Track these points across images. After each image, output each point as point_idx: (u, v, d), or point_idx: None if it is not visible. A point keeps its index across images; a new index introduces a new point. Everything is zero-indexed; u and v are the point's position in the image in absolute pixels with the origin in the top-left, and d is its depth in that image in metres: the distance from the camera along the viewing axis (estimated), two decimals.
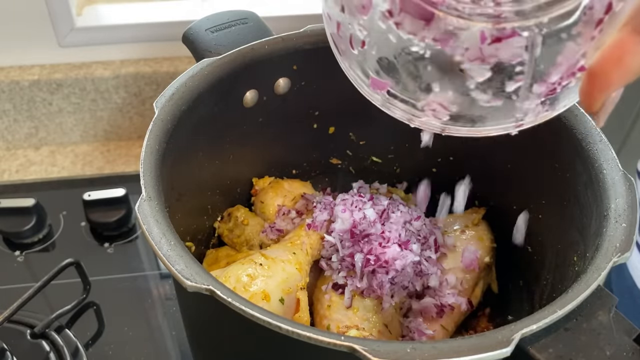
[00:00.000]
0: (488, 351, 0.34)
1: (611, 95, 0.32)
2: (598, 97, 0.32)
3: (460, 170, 0.65)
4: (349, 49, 0.39)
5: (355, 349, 0.34)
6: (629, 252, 0.41)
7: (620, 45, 0.31)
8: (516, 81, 0.35)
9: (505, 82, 0.35)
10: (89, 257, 0.74)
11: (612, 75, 0.31)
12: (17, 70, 0.90)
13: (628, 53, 0.30)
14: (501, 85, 0.36)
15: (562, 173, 0.51)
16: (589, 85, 0.32)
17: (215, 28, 0.59)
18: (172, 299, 0.72)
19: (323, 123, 0.65)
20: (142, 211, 0.42)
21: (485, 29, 0.34)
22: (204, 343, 0.52)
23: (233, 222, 0.64)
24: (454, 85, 0.36)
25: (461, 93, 0.37)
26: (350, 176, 0.70)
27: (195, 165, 0.57)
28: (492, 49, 0.34)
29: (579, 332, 0.38)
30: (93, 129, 0.95)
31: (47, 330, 0.66)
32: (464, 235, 0.62)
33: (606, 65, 0.31)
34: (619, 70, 0.31)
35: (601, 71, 0.31)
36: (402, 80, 0.38)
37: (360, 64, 0.40)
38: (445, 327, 0.57)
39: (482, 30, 0.34)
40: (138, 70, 0.91)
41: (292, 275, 0.53)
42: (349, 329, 0.54)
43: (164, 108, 0.49)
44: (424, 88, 0.37)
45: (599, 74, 0.32)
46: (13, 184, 0.87)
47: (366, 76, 0.40)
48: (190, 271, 0.38)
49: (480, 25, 0.34)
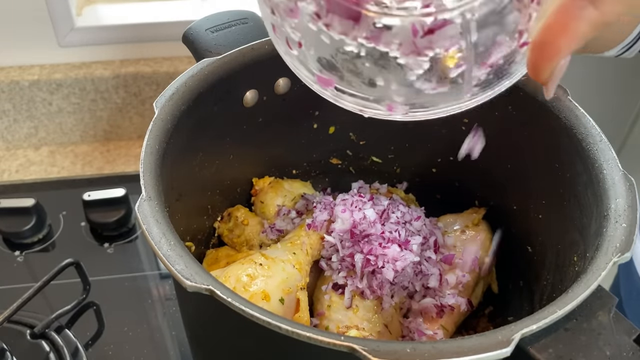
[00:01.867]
0: (488, 351, 0.34)
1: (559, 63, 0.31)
2: (546, 67, 0.31)
3: (460, 170, 0.65)
4: (288, 50, 0.39)
5: (355, 349, 0.34)
6: (629, 252, 0.41)
7: (564, 11, 0.29)
8: (457, 67, 0.35)
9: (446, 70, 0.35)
10: (89, 257, 0.74)
11: (559, 43, 0.30)
12: (17, 70, 0.90)
13: (572, 19, 0.29)
14: (443, 72, 0.35)
15: (562, 173, 0.51)
16: (536, 56, 0.31)
17: (215, 28, 0.59)
18: (172, 299, 0.72)
19: (323, 123, 0.65)
20: (142, 211, 0.42)
21: (415, 22, 0.33)
22: (204, 343, 0.52)
23: (233, 222, 0.64)
24: (396, 78, 0.36)
25: (405, 85, 0.36)
26: (350, 176, 0.70)
27: (195, 165, 0.57)
28: (425, 41, 0.34)
29: (579, 332, 0.38)
30: (93, 129, 0.95)
31: (47, 331, 0.66)
32: (464, 235, 0.61)
33: (551, 33, 0.30)
34: (565, 37, 0.30)
35: (547, 40, 0.30)
36: (345, 78, 0.37)
37: (302, 63, 0.39)
38: (445, 327, 0.57)
39: (413, 23, 0.33)
40: (138, 70, 0.91)
41: (292, 275, 0.53)
42: (349, 329, 0.54)
43: (163, 108, 0.49)
44: (368, 83, 0.37)
45: (545, 43, 0.31)
46: (13, 184, 0.87)
47: (312, 74, 0.39)
48: (190, 271, 0.38)
49: (410, 19, 0.33)
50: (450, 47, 0.34)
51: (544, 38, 0.30)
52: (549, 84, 0.32)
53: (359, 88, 0.37)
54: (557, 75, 0.32)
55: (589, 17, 0.29)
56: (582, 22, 0.29)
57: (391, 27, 0.34)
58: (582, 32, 0.30)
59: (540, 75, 0.32)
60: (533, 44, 0.31)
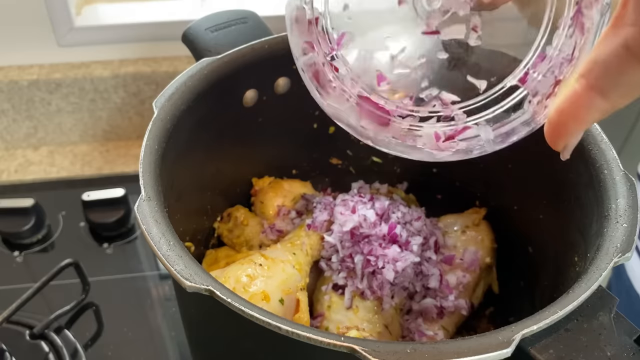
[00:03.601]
0: (488, 352, 0.34)
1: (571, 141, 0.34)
2: (560, 142, 0.34)
3: (460, 170, 0.65)
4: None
5: (355, 350, 0.34)
6: (629, 252, 0.40)
7: (575, 100, 0.31)
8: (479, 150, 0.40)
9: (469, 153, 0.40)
10: (88, 257, 0.74)
11: (570, 126, 0.33)
12: (16, 70, 0.90)
13: (583, 108, 0.31)
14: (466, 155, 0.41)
15: (563, 173, 0.51)
16: (551, 132, 0.34)
17: (214, 28, 0.59)
18: (171, 300, 0.72)
19: (323, 123, 0.65)
20: (141, 211, 0.42)
21: (438, 130, 0.39)
22: (204, 343, 0.52)
23: (233, 222, 0.64)
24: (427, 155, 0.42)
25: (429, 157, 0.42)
26: (350, 176, 0.70)
27: (195, 166, 0.56)
28: (448, 144, 0.39)
29: (579, 332, 0.38)
30: (92, 129, 0.95)
31: (46, 331, 0.66)
32: (465, 235, 0.61)
33: (563, 118, 0.33)
34: (575, 123, 0.32)
35: (559, 122, 0.33)
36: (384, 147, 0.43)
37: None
38: (445, 327, 0.57)
39: (435, 131, 0.39)
40: (137, 70, 0.91)
41: (292, 276, 0.53)
42: (349, 329, 0.54)
43: (163, 108, 0.49)
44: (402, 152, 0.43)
45: (557, 124, 0.33)
46: (12, 184, 0.87)
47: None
48: (190, 271, 0.38)
49: (432, 127, 0.39)
50: (469, 145, 0.39)
51: (558, 120, 0.33)
52: (564, 152, 0.35)
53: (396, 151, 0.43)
54: (570, 146, 0.35)
55: (598, 107, 0.31)
56: (592, 111, 0.31)
57: (418, 131, 0.39)
58: (591, 119, 0.32)
59: (555, 147, 0.35)
60: (548, 122, 0.34)
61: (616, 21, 0.29)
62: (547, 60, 0.35)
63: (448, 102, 0.38)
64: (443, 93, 0.38)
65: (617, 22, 0.29)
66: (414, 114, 0.39)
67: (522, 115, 0.37)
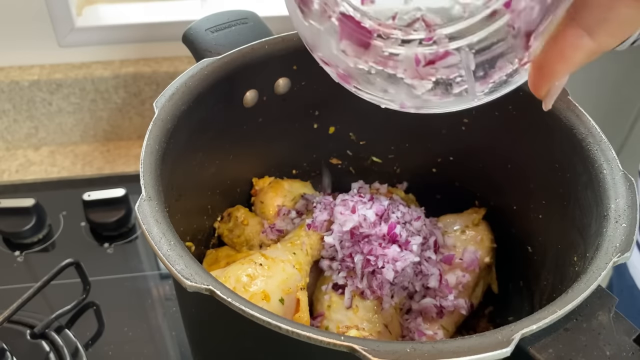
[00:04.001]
0: (488, 351, 0.34)
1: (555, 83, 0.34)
2: (544, 86, 0.33)
3: (460, 170, 0.65)
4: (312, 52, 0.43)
5: (355, 349, 0.34)
6: (629, 252, 0.41)
7: (562, 38, 0.31)
8: (460, 85, 0.38)
9: (449, 88, 0.39)
10: (89, 257, 0.74)
11: (556, 67, 0.32)
12: (17, 70, 0.90)
13: (569, 46, 0.31)
14: (446, 90, 0.39)
15: (562, 173, 0.51)
16: (535, 75, 0.33)
17: (215, 28, 0.59)
18: (172, 299, 0.72)
19: (323, 123, 0.65)
20: (142, 211, 0.42)
21: (418, 53, 0.38)
22: (204, 343, 0.52)
23: (233, 222, 0.64)
24: (405, 91, 0.40)
25: (413, 97, 0.40)
26: (350, 176, 0.70)
27: (195, 165, 0.57)
28: (427, 69, 0.38)
29: (579, 332, 0.38)
30: (93, 129, 0.95)
31: (46, 331, 0.66)
32: (464, 235, 0.61)
33: (549, 58, 0.32)
34: (561, 63, 0.32)
35: (545, 63, 0.32)
36: (361, 83, 0.42)
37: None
38: (445, 327, 0.57)
39: (416, 53, 0.38)
40: (138, 70, 0.91)
41: (292, 276, 0.53)
42: (349, 329, 0.54)
43: (163, 108, 0.49)
44: (381, 90, 0.41)
45: (543, 66, 0.33)
46: (13, 184, 0.87)
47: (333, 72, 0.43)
48: (190, 271, 0.38)
49: (413, 50, 0.38)
50: (450, 74, 0.37)
51: (543, 61, 0.33)
52: (546, 100, 0.35)
53: (373, 91, 0.42)
54: (554, 92, 0.34)
55: (585, 46, 0.31)
56: (578, 51, 0.31)
57: (397, 55, 0.38)
58: (578, 59, 0.31)
59: (538, 92, 0.34)
60: (533, 64, 0.33)
61: None
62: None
63: (432, 24, 0.37)
64: (427, 15, 0.37)
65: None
66: (395, 36, 0.38)
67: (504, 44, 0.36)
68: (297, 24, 0.42)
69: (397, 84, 0.40)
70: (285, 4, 0.42)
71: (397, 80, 0.39)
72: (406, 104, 0.41)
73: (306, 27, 0.41)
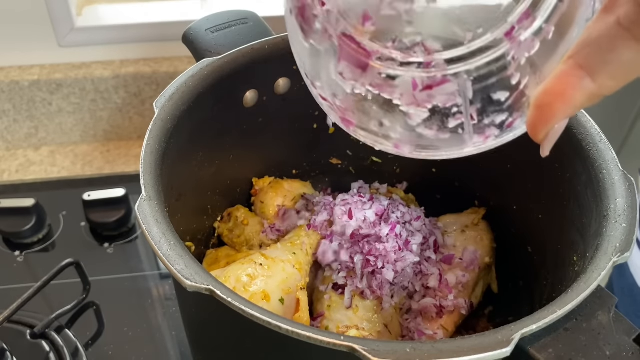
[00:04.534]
0: (488, 351, 0.34)
1: (554, 127, 0.33)
2: (542, 129, 0.32)
3: (460, 170, 0.65)
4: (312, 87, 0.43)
5: (355, 349, 0.34)
6: (628, 252, 0.41)
7: (564, 79, 0.30)
8: (456, 119, 0.38)
9: (445, 120, 0.38)
10: (89, 257, 0.74)
11: (555, 108, 0.31)
12: (17, 70, 0.90)
13: (571, 88, 0.30)
14: (442, 123, 0.38)
15: (562, 173, 0.51)
16: (534, 116, 0.32)
17: (215, 28, 0.59)
18: (172, 299, 0.72)
19: (323, 123, 0.65)
20: (142, 211, 0.42)
21: (416, 77, 0.37)
22: (204, 343, 0.52)
23: (233, 222, 0.64)
24: (400, 122, 0.40)
25: (408, 129, 0.39)
26: (350, 176, 0.70)
27: (195, 165, 0.57)
28: (424, 95, 0.37)
29: (578, 332, 0.38)
30: (93, 129, 0.95)
31: (47, 331, 0.66)
32: (464, 235, 0.61)
33: (549, 98, 0.31)
34: (561, 103, 0.31)
35: (544, 103, 0.31)
36: (357, 115, 0.41)
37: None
38: (445, 327, 0.57)
39: (414, 78, 0.37)
40: (138, 71, 0.91)
41: (292, 276, 0.53)
42: (349, 329, 0.54)
43: (163, 108, 0.49)
44: (376, 123, 0.41)
45: (542, 106, 0.32)
46: (13, 184, 0.87)
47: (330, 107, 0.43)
48: (190, 271, 0.38)
49: (411, 73, 0.37)
50: (447, 102, 0.37)
51: (543, 100, 0.32)
52: (545, 144, 0.34)
53: (369, 125, 0.41)
54: (552, 137, 0.33)
55: (586, 88, 0.30)
56: (579, 93, 0.30)
57: (395, 78, 0.38)
58: (579, 101, 0.30)
59: (537, 136, 0.33)
60: (533, 104, 0.32)
61: (608, 4, 0.29)
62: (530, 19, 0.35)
63: (431, 50, 0.36)
64: (427, 40, 0.37)
65: (609, 5, 0.28)
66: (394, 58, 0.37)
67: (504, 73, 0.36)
68: (298, 48, 0.42)
69: (393, 113, 0.39)
70: (286, 24, 0.41)
71: (393, 108, 0.39)
72: (400, 143, 0.40)
73: (306, 49, 0.40)
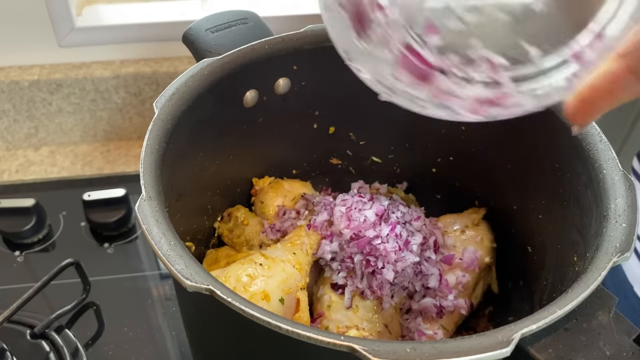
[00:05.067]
0: (488, 351, 0.34)
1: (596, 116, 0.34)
2: (583, 118, 0.34)
3: (460, 170, 0.65)
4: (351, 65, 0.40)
5: (355, 349, 0.34)
6: (629, 252, 0.41)
7: (613, 79, 0.31)
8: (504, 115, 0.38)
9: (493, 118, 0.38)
10: (89, 257, 0.74)
11: (599, 105, 0.32)
12: (17, 71, 0.90)
13: (619, 88, 0.31)
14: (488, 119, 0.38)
15: (562, 173, 0.51)
16: (576, 106, 0.33)
17: (215, 28, 0.59)
18: (172, 299, 0.72)
19: (323, 123, 0.65)
20: (142, 211, 0.42)
21: (480, 93, 0.36)
22: (204, 343, 0.52)
23: (233, 222, 0.64)
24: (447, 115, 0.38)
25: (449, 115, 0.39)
26: (350, 176, 0.70)
27: (195, 165, 0.57)
28: (485, 108, 0.37)
29: (578, 332, 0.38)
30: (93, 129, 0.95)
31: (47, 331, 0.66)
32: (464, 235, 0.62)
33: (596, 94, 0.32)
34: (607, 102, 0.32)
35: (590, 98, 0.32)
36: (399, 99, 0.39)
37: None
38: (445, 327, 0.57)
39: (478, 94, 0.36)
40: (138, 71, 0.91)
41: (292, 275, 0.53)
42: (349, 329, 0.54)
43: (163, 108, 0.49)
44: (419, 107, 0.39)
45: (586, 100, 0.33)
46: (13, 184, 0.87)
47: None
48: (190, 271, 0.38)
49: (475, 90, 0.36)
50: (508, 115, 0.37)
51: (588, 96, 0.33)
52: (580, 128, 0.35)
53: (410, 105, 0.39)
54: (590, 122, 0.35)
55: (632, 89, 0.31)
56: (626, 93, 0.32)
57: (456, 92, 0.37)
58: (622, 100, 0.32)
59: (576, 121, 0.34)
60: (577, 97, 0.33)
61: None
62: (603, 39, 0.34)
63: (497, 66, 0.36)
64: (494, 56, 0.36)
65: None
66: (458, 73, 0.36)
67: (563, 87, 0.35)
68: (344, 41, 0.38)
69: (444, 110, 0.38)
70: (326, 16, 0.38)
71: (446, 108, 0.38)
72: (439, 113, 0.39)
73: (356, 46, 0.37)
